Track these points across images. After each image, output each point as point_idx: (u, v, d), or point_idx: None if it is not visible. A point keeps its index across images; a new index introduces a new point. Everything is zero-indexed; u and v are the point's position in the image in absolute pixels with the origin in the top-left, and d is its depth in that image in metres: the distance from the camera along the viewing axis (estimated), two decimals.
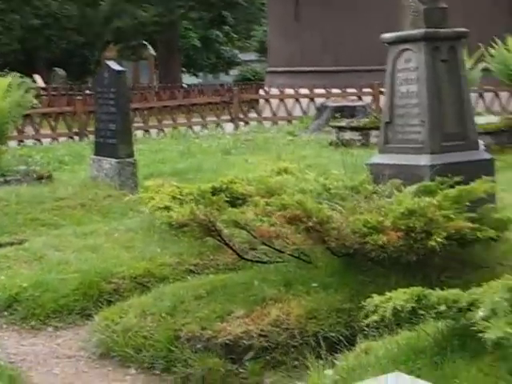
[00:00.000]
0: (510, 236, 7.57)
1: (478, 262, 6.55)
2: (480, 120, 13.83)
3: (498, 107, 19.58)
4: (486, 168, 6.90)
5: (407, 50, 6.91)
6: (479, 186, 6.34)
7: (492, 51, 14.58)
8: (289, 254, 6.37)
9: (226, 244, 6.90)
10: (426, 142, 6.79)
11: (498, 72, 14.61)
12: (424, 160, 6.76)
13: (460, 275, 6.33)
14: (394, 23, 7.46)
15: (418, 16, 6.83)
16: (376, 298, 4.66)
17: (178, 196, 7.60)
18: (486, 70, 14.94)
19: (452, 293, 4.63)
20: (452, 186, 6.44)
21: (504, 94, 19.43)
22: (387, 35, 7.06)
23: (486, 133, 13.44)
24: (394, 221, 6.00)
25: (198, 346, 5.58)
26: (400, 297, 4.52)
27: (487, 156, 7.13)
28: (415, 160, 6.80)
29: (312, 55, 22.54)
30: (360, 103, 18.64)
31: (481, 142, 13.15)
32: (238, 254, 6.95)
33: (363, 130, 14.84)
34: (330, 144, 15.02)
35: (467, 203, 6.25)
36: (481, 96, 19.44)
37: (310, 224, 5.69)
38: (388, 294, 4.62)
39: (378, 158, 7.18)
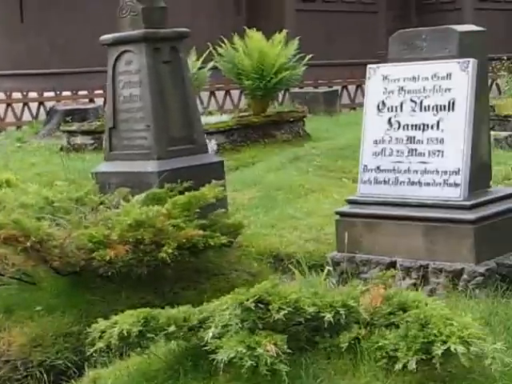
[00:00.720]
0: (244, 240, 7.53)
1: (213, 269, 6.36)
2: (212, 119, 13.82)
3: (231, 105, 19.76)
4: (215, 171, 6.71)
5: (128, 51, 6.57)
6: (208, 191, 6.13)
7: (220, 50, 14.56)
8: (10, 277, 5.83)
9: None
10: (153, 147, 6.50)
11: (226, 70, 14.63)
12: (151, 166, 6.46)
13: (194, 285, 6.11)
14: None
15: (137, 16, 6.50)
16: (101, 323, 4.28)
17: None
18: (215, 68, 14.94)
19: (183, 310, 4.34)
20: (182, 193, 6.19)
21: (235, 92, 19.63)
22: (106, 36, 6.69)
23: (219, 132, 13.42)
24: (122, 233, 5.64)
25: None
26: (126, 320, 4.17)
27: (216, 159, 6.95)
28: (142, 167, 6.49)
29: (40, 57, 21.72)
30: (92, 106, 18.10)
31: (213, 142, 13.24)
32: None
33: (95, 133, 14.34)
34: (61, 149, 14.41)
35: (197, 210, 6.01)
36: (213, 94, 19.55)
37: (29, 244, 5.20)
38: (114, 318, 4.26)
39: (104, 166, 6.80)
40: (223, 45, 14.59)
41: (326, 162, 11.48)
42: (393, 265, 5.21)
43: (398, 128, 5.31)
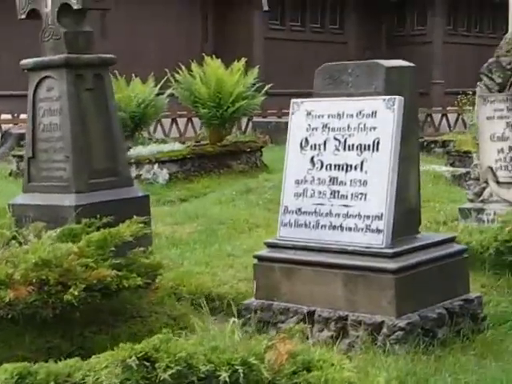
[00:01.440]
0: (175, 278, 7.14)
1: (131, 311, 5.97)
2: (165, 147, 13.47)
3: (193, 133, 19.42)
4: (140, 206, 6.33)
5: (49, 77, 6.20)
6: (125, 228, 5.75)
7: (178, 77, 14.24)
8: None
9: None
10: (71, 179, 6.11)
11: (183, 98, 14.30)
12: (69, 200, 6.07)
13: (108, 328, 5.71)
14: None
15: (59, 40, 6.14)
16: None
17: None
18: (172, 95, 14.62)
19: (70, 364, 3.94)
20: (102, 229, 5.81)
21: (198, 120, 19.26)
22: (26, 61, 6.33)
23: (171, 161, 13.07)
24: (26, 273, 5.24)
25: None
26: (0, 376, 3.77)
27: (141, 193, 6.56)
28: (59, 200, 6.10)
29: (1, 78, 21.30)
30: None
31: (165, 171, 12.88)
32: None
33: None
34: (10, 174, 14.00)
35: (113, 248, 5.63)
36: (174, 122, 19.21)
37: None
38: None
39: (21, 198, 6.42)
40: (181, 72, 14.27)
41: (277, 195, 11.05)
42: (311, 315, 4.85)
43: (321, 168, 4.96)
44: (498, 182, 7.79)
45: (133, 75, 15.24)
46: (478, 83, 7.99)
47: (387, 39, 26.21)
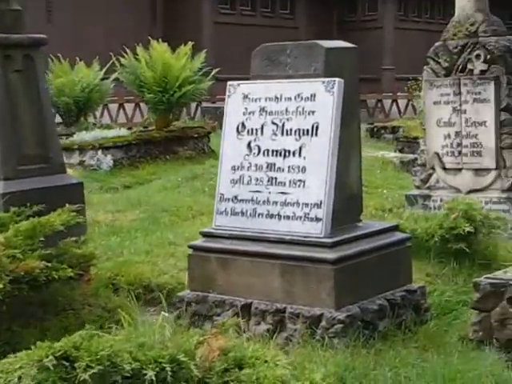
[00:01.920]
0: (113, 268, 6.89)
1: (62, 304, 5.70)
2: (109, 133, 13.15)
3: (140, 118, 19.06)
4: (73, 194, 6.06)
5: None
6: (57, 217, 5.48)
7: (123, 61, 13.90)
8: None
9: None
10: None
11: (128, 82, 13.96)
12: None
13: (37, 322, 5.44)
14: None
15: None
16: None
17: None
18: (117, 79, 14.30)
19: None
20: (32, 217, 5.53)
21: (144, 105, 18.90)
22: None
23: (116, 147, 12.75)
24: None
25: None
26: None
27: (75, 180, 6.28)
28: None
29: None
30: None
31: (109, 158, 12.57)
32: None
33: None
34: None
35: (43, 238, 5.36)
36: (122, 107, 18.84)
37: None
38: None
39: None
40: (126, 55, 13.94)
41: None
42: (248, 307, 4.63)
43: (258, 153, 4.74)
44: (444, 168, 7.64)
45: (77, 59, 14.90)
46: (425, 67, 7.82)
47: (338, 24, 26.07)
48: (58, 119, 15.52)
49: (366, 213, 7.27)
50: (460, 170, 7.54)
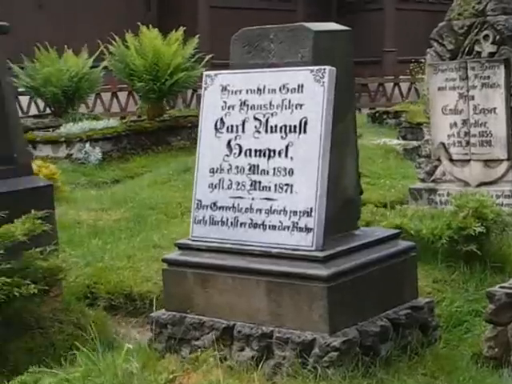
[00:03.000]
0: (93, 275, 6.35)
1: (28, 322, 5.13)
2: (98, 124, 12.55)
3: (135, 107, 18.42)
4: (40, 198, 5.45)
5: None
6: (19, 226, 4.90)
7: (112, 48, 13.29)
8: None
9: None
10: None
11: (117, 71, 13.37)
12: None
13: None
14: None
15: None
16: None
17: None
18: (106, 68, 13.70)
19: None
20: None
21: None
22: None
23: (105, 138, 12.16)
24: None
25: None
26: None
27: (43, 183, 5.67)
28: None
29: None
30: None
31: (98, 150, 11.96)
32: None
33: None
34: None
35: (2, 251, 4.77)
36: (115, 96, 18.18)
37: None
38: None
39: None
40: (114, 43, 13.32)
41: None
42: (230, 330, 4.04)
43: (240, 153, 4.13)
44: (451, 160, 7.03)
45: (65, 47, 14.28)
46: (428, 50, 7.19)
47: (338, 6, 25.37)
48: (48, 110, 14.96)
49: (366, 210, 6.69)
50: (468, 161, 6.93)
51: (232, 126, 4.16)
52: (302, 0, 24.24)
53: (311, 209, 3.87)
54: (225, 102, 4.19)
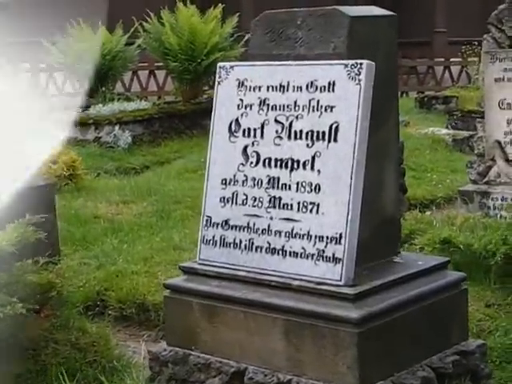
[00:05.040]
0: (104, 280, 5.76)
1: (19, 343, 4.49)
2: (129, 106, 11.92)
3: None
4: (39, 200, 4.83)
5: None
6: (9, 233, 4.28)
7: (147, 26, 12.64)
8: None
9: None
10: None
11: (151, 49, 12.72)
12: None
13: None
14: None
15: None
16: None
17: None
18: (139, 46, 13.08)
19: None
20: None
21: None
22: None
23: (135, 121, 11.53)
24: None
25: None
26: None
27: (41, 182, 5.03)
28: None
29: None
30: None
31: (127, 134, 11.33)
32: None
33: None
34: None
35: None
36: (152, 74, 17.55)
37: None
38: None
39: None
40: (150, 20, 12.67)
41: None
42: (241, 375, 3.37)
43: (257, 163, 3.44)
44: (507, 160, 6.27)
45: (100, 23, 13.64)
46: (485, 36, 6.42)
47: None
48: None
49: (409, 215, 5.99)
50: None
51: (249, 130, 3.47)
52: None
53: (340, 235, 3.17)
54: (241, 100, 3.50)
